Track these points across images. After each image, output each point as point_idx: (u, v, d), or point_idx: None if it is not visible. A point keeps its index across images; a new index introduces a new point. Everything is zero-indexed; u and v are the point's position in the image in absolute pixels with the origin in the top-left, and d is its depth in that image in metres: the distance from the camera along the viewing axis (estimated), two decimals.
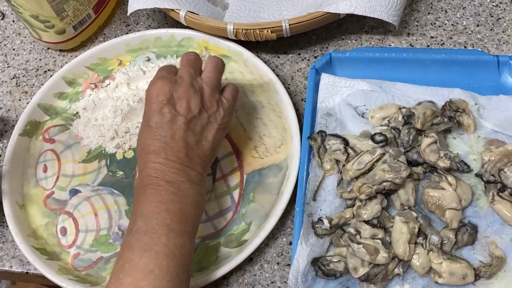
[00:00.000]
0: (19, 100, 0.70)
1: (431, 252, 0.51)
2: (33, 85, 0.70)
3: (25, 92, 0.70)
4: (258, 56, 0.65)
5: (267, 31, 0.62)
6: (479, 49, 0.64)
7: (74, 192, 0.61)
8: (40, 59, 0.72)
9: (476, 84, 0.61)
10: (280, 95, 0.62)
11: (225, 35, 0.64)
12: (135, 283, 0.44)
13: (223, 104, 0.55)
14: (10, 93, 0.70)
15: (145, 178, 0.50)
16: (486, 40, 0.65)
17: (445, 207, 0.53)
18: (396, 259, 0.52)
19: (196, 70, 0.56)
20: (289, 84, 0.66)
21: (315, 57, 0.67)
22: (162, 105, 0.52)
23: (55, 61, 0.72)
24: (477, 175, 0.55)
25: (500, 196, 0.53)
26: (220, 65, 0.57)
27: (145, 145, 0.51)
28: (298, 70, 0.66)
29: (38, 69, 0.72)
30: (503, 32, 0.65)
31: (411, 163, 0.56)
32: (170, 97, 0.52)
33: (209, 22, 0.63)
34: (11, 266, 0.59)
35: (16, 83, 0.71)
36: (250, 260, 0.56)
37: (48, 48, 0.73)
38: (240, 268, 0.55)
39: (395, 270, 0.51)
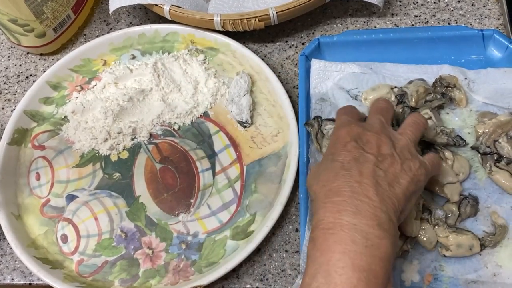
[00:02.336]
0: (3, 108, 0.67)
1: (436, 227, 0.52)
2: (16, 92, 0.68)
3: (8, 100, 0.68)
4: (245, 46, 0.65)
5: (255, 20, 0.61)
6: (463, 25, 0.65)
7: (71, 198, 0.60)
8: (20, 65, 0.70)
9: (463, 59, 0.62)
10: (272, 84, 0.62)
11: (212, 27, 0.63)
12: None
13: (420, 159, 0.47)
14: None
15: (324, 219, 0.42)
16: (468, 16, 0.66)
17: (442, 183, 0.54)
18: (403, 236, 0.52)
19: (388, 119, 0.50)
20: (279, 72, 0.65)
21: (303, 44, 0.67)
22: (348, 141, 0.46)
23: (36, 65, 0.70)
24: (473, 148, 0.56)
25: (497, 167, 0.55)
26: (421, 123, 0.51)
27: (326, 181, 0.44)
28: (287, 58, 0.66)
29: (19, 75, 0.69)
30: (484, 6, 0.67)
31: None
32: (357, 137, 0.46)
33: (194, 15, 0.63)
34: (12, 279, 0.57)
35: None
36: (258, 250, 0.56)
37: (28, 53, 0.71)
38: (248, 259, 0.55)
39: (403, 247, 0.52)
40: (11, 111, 0.67)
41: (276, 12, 0.61)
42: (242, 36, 0.67)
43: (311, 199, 0.48)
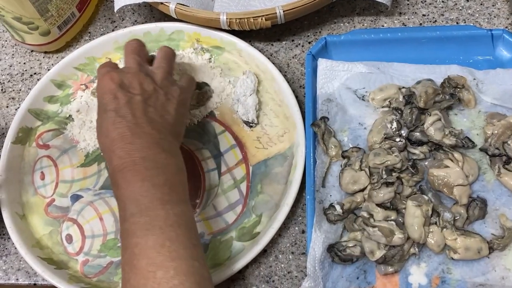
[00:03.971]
0: (7, 107, 0.67)
1: (444, 229, 0.52)
2: (20, 90, 0.68)
3: (12, 98, 0.68)
4: (251, 45, 0.64)
5: (261, 19, 0.61)
6: (472, 24, 0.65)
7: (75, 197, 0.60)
8: (24, 63, 0.70)
9: (472, 59, 0.61)
10: (278, 83, 0.62)
11: (218, 26, 0.62)
12: (152, 261, 0.43)
13: (178, 84, 0.54)
14: None
15: (118, 163, 0.47)
16: (477, 15, 0.66)
17: (452, 184, 0.53)
18: (411, 238, 0.52)
19: (142, 57, 0.55)
20: (285, 72, 0.65)
21: (309, 43, 0.66)
22: (115, 92, 0.50)
23: (40, 63, 0.69)
24: (481, 149, 0.56)
25: (506, 169, 0.54)
26: (170, 54, 0.57)
27: (107, 132, 0.49)
28: (293, 57, 0.66)
29: (23, 73, 0.69)
30: (493, 6, 0.66)
31: (415, 143, 0.56)
32: (121, 83, 0.51)
33: (200, 14, 0.62)
34: (17, 279, 0.57)
35: (2, 89, 0.68)
36: (264, 252, 0.55)
37: (32, 51, 0.70)
38: (254, 261, 0.55)
39: (411, 250, 0.52)
40: (15, 109, 0.66)
41: (283, 11, 0.60)
42: (248, 34, 0.66)
43: (101, 151, 0.52)
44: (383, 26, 0.66)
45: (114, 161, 0.48)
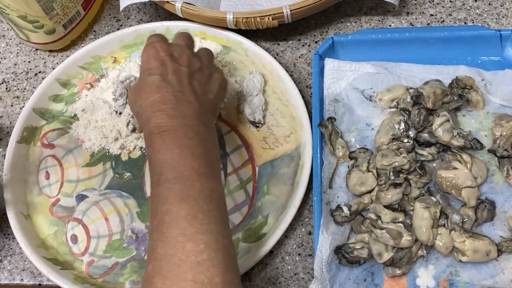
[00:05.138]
0: (11, 105, 0.67)
1: (453, 232, 0.51)
2: (25, 89, 0.67)
3: (17, 97, 0.67)
4: (258, 45, 0.64)
5: (268, 18, 0.60)
6: (480, 25, 0.64)
7: (81, 197, 0.59)
8: (29, 61, 0.69)
9: (480, 60, 0.61)
10: (285, 83, 0.61)
11: (224, 25, 0.62)
12: (183, 232, 0.41)
13: (219, 70, 0.55)
14: (1, 99, 0.67)
15: (158, 125, 0.46)
16: (485, 15, 0.65)
17: (460, 186, 0.53)
18: (418, 241, 0.51)
19: (190, 44, 0.55)
20: (292, 71, 0.64)
21: (316, 42, 0.66)
22: (163, 59, 0.50)
23: (45, 62, 0.69)
24: (490, 151, 0.55)
25: None
26: (212, 53, 0.57)
27: (149, 93, 0.49)
28: (299, 57, 0.65)
29: (28, 72, 0.69)
30: (501, 6, 0.65)
31: (423, 144, 0.55)
32: (170, 54, 0.51)
33: (207, 13, 0.62)
34: (22, 279, 0.57)
35: (6, 88, 0.68)
36: (270, 253, 0.55)
37: (37, 49, 0.70)
38: (261, 262, 0.55)
39: (419, 252, 0.51)
40: (20, 108, 0.66)
41: (290, 10, 0.60)
42: (254, 34, 0.66)
43: (135, 114, 0.52)
44: (390, 26, 0.66)
45: (152, 122, 0.47)
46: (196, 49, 0.56)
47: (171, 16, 0.67)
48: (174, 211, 0.43)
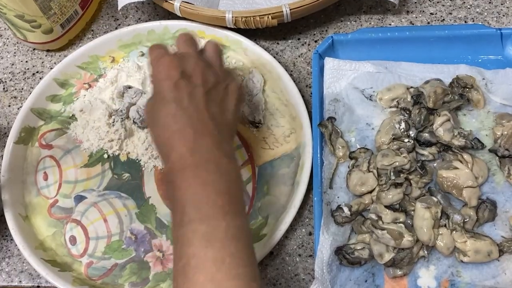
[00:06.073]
0: (9, 106, 0.66)
1: (454, 232, 0.51)
2: (22, 89, 0.67)
3: (14, 97, 0.67)
4: (257, 44, 0.63)
5: (268, 17, 0.60)
6: (480, 23, 0.64)
7: (79, 198, 0.59)
8: (26, 61, 0.69)
9: (481, 59, 0.61)
10: (284, 83, 0.61)
11: (223, 24, 0.61)
12: (211, 277, 0.39)
13: (232, 76, 0.52)
14: None
15: (178, 161, 0.44)
16: (485, 14, 0.65)
17: (461, 186, 0.53)
18: (420, 241, 0.51)
19: (196, 49, 0.52)
20: (291, 71, 0.64)
21: (315, 41, 0.65)
22: (176, 80, 0.47)
23: (43, 62, 0.68)
24: (491, 150, 0.55)
25: None
26: (219, 47, 0.54)
27: (166, 125, 0.46)
28: (299, 56, 0.65)
29: (25, 71, 0.68)
30: (501, 4, 0.65)
31: (424, 144, 0.55)
32: (182, 71, 0.47)
33: (205, 12, 0.61)
34: (20, 281, 0.57)
35: (4, 88, 0.67)
36: (270, 254, 0.55)
37: (34, 49, 0.69)
38: (261, 263, 0.54)
39: (420, 252, 0.51)
40: (18, 109, 0.65)
41: (290, 9, 0.59)
42: (253, 33, 0.65)
43: (153, 141, 0.49)
44: (390, 24, 0.66)
45: (173, 158, 0.45)
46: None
47: (170, 15, 0.66)
48: (200, 254, 0.40)
